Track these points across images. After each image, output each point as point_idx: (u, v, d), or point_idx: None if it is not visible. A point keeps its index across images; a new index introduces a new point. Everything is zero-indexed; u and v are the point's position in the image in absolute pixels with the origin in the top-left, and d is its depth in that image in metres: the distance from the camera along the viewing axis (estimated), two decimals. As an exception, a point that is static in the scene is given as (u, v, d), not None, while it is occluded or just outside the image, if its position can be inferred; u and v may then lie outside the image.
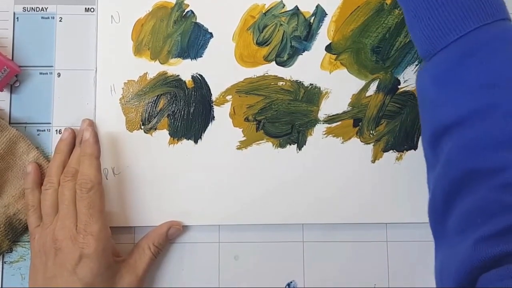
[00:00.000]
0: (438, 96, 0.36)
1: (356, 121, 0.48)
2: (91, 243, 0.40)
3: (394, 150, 0.48)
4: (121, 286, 0.42)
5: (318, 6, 0.49)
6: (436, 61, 0.36)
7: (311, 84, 0.48)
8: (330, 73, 0.49)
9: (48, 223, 0.42)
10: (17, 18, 0.49)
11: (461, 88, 0.34)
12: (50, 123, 0.48)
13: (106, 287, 0.41)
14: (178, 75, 0.48)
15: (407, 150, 0.48)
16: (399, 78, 0.49)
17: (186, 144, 0.48)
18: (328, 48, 0.49)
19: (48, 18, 0.49)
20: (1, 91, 0.47)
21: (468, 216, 0.32)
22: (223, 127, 0.48)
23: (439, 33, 0.36)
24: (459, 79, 0.34)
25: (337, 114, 0.48)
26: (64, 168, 0.44)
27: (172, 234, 0.46)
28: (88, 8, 0.49)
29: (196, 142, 0.48)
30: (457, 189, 0.34)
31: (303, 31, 0.49)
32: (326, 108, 0.48)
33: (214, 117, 0.48)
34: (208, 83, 0.48)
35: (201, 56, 0.48)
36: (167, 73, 0.48)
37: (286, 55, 0.49)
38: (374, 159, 0.48)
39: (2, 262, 0.46)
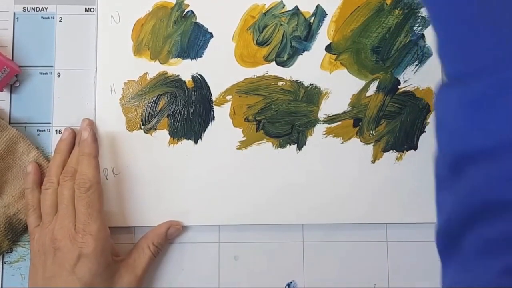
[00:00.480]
0: (466, 121, 0.33)
1: (356, 121, 0.48)
2: (90, 243, 0.40)
3: (394, 150, 0.48)
4: (120, 286, 0.42)
5: (318, 6, 0.49)
6: (469, 83, 0.33)
7: (311, 84, 0.48)
8: (330, 73, 0.49)
9: (47, 222, 0.42)
10: (17, 18, 0.49)
11: (495, 117, 0.32)
12: (50, 123, 0.48)
13: (105, 287, 0.41)
14: (178, 75, 0.48)
15: (407, 150, 0.48)
16: (399, 78, 0.49)
17: (186, 144, 0.48)
18: (328, 48, 0.49)
19: (48, 18, 0.49)
20: (1, 91, 0.47)
21: (493, 242, 0.31)
22: (223, 127, 0.48)
23: (478, 55, 0.33)
24: (494, 107, 0.33)
25: (337, 114, 0.48)
26: (64, 168, 0.44)
27: (171, 233, 0.46)
28: (88, 8, 0.49)
29: (196, 142, 0.48)
30: (479, 216, 0.32)
31: (303, 31, 0.49)
32: (326, 108, 0.48)
33: (214, 117, 0.48)
34: (208, 83, 0.48)
35: (201, 56, 0.48)
36: (167, 73, 0.48)
37: (286, 55, 0.49)
38: (374, 159, 0.48)
39: (2, 262, 0.46)
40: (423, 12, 0.50)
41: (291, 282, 0.47)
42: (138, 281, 0.43)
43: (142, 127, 0.47)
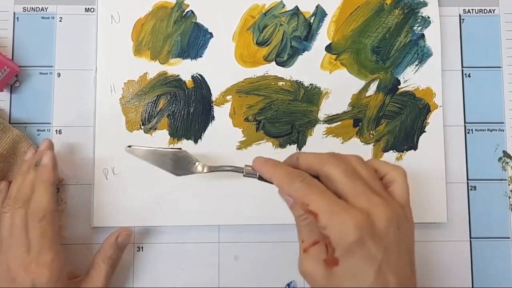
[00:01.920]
0: None
1: (356, 121, 0.48)
2: (44, 274, 0.39)
3: (394, 150, 0.48)
4: None
5: (318, 6, 0.49)
6: None
7: (311, 84, 0.48)
8: (330, 73, 0.49)
9: (5, 248, 0.40)
10: (17, 18, 0.49)
11: None
12: (50, 123, 0.48)
13: None
14: (178, 75, 0.48)
15: (407, 150, 0.48)
16: (399, 78, 0.49)
17: (186, 144, 0.48)
18: (328, 48, 0.49)
19: (48, 18, 0.49)
20: (1, 91, 0.47)
21: None
22: (223, 127, 0.48)
23: None
24: None
25: (337, 114, 0.48)
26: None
27: (122, 242, 0.44)
28: (88, 8, 0.49)
29: (196, 142, 0.48)
30: None
31: (303, 31, 0.49)
32: (326, 108, 0.48)
33: (214, 117, 0.48)
34: (208, 83, 0.48)
35: (201, 56, 0.48)
36: (167, 73, 0.48)
37: (286, 55, 0.49)
38: (374, 159, 0.48)
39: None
40: (423, 12, 0.50)
41: (291, 282, 0.47)
42: None
43: (142, 127, 0.47)
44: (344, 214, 0.33)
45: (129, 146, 0.43)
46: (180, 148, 0.44)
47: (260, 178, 0.39)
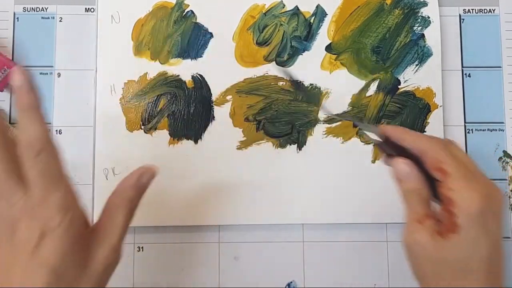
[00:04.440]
0: None
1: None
2: (55, 217, 0.30)
3: (394, 150, 0.48)
4: (94, 264, 0.32)
5: (318, 6, 0.49)
6: None
7: (311, 84, 0.48)
8: (330, 73, 0.49)
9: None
10: (17, 18, 0.49)
11: None
12: (50, 123, 0.48)
13: (78, 268, 0.31)
14: (178, 75, 0.48)
15: (407, 150, 0.48)
16: (399, 78, 0.49)
17: (186, 144, 0.48)
18: (328, 48, 0.49)
19: (48, 18, 0.49)
20: (1, 91, 0.47)
21: None
22: (223, 127, 0.48)
23: None
24: None
25: (337, 114, 0.48)
26: None
27: (145, 182, 0.36)
28: (88, 8, 0.49)
29: (196, 142, 0.48)
30: None
31: (303, 31, 0.49)
32: (326, 108, 0.48)
33: (214, 117, 0.48)
34: (208, 83, 0.48)
35: (201, 56, 0.48)
36: (167, 73, 0.48)
37: (286, 55, 0.49)
38: (374, 159, 0.48)
39: None
40: (423, 12, 0.50)
41: (291, 282, 0.47)
42: (116, 251, 0.34)
43: (142, 127, 0.47)
44: (475, 183, 0.33)
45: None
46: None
47: (381, 144, 0.38)
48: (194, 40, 0.48)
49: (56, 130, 0.48)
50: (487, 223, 0.32)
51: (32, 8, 0.49)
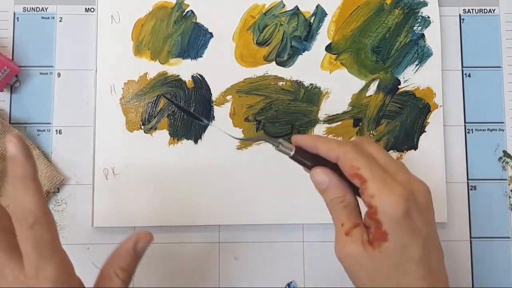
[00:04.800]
0: None
1: (356, 121, 0.48)
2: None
3: (394, 150, 0.48)
4: None
5: (318, 6, 0.49)
6: None
7: (311, 84, 0.48)
8: (330, 73, 0.49)
9: None
10: (17, 18, 0.49)
11: None
12: (50, 123, 0.48)
13: None
14: (178, 75, 0.48)
15: (407, 150, 0.48)
16: (399, 78, 0.49)
17: (186, 144, 0.48)
18: (328, 48, 0.49)
19: (48, 18, 0.49)
20: (1, 91, 0.47)
21: None
22: (223, 127, 0.48)
23: None
24: None
25: (337, 114, 0.48)
26: None
27: (141, 249, 0.35)
28: (88, 8, 0.49)
29: (196, 142, 0.48)
30: None
31: (303, 31, 0.49)
32: (326, 108, 0.48)
33: (214, 117, 0.48)
34: (208, 83, 0.48)
35: (201, 56, 0.48)
36: (167, 73, 0.48)
37: (286, 55, 0.49)
38: (374, 159, 0.48)
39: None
40: (423, 12, 0.50)
41: (291, 282, 0.47)
42: None
43: (142, 127, 0.47)
44: (393, 185, 0.32)
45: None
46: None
47: (294, 156, 0.36)
48: (194, 40, 0.48)
49: (56, 130, 0.48)
50: (414, 222, 0.32)
51: (32, 8, 0.49)
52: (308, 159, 0.35)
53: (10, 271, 0.31)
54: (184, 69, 0.48)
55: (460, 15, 0.51)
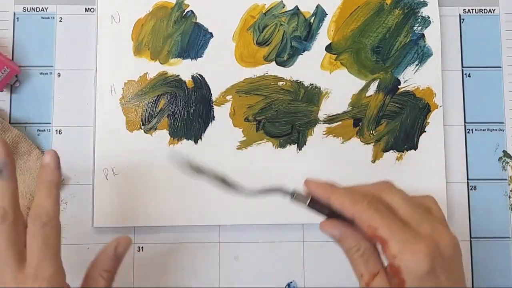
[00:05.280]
0: None
1: (356, 121, 0.48)
2: None
3: (394, 150, 0.48)
4: None
5: (318, 6, 0.49)
6: None
7: (311, 84, 0.48)
8: (330, 73, 0.49)
9: None
10: (17, 18, 0.49)
11: None
12: (50, 123, 0.48)
13: None
14: (178, 75, 0.48)
15: (407, 150, 0.48)
16: (399, 78, 0.49)
17: (186, 144, 0.48)
18: (328, 48, 0.49)
19: (48, 18, 0.49)
20: (1, 91, 0.47)
21: None
22: (223, 127, 0.48)
23: None
24: None
25: (337, 114, 0.48)
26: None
27: (121, 252, 0.38)
28: (88, 8, 0.49)
29: (196, 142, 0.48)
30: None
31: (303, 31, 0.49)
32: (326, 108, 0.48)
33: (214, 117, 0.48)
34: (208, 83, 0.48)
35: (201, 56, 0.48)
36: (167, 73, 0.48)
37: (286, 55, 0.49)
38: (374, 159, 0.48)
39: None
40: (423, 12, 0.50)
41: (291, 282, 0.47)
42: None
43: (142, 127, 0.47)
44: (416, 243, 0.31)
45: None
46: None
47: (310, 204, 0.35)
48: (194, 40, 0.48)
49: (56, 130, 0.48)
50: (438, 278, 0.31)
51: (32, 8, 0.49)
52: (323, 208, 0.35)
53: (11, 272, 0.33)
54: (184, 69, 0.48)
55: (460, 15, 0.51)
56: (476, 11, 0.51)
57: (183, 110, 0.48)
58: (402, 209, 0.33)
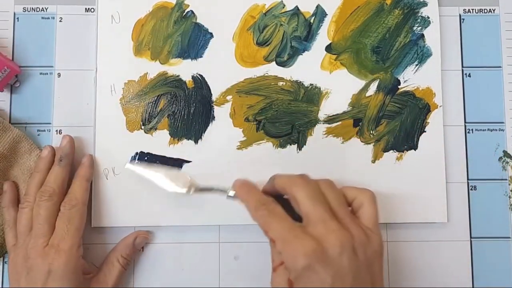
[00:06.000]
0: None
1: (356, 121, 0.48)
2: (61, 259, 0.40)
3: (394, 150, 0.48)
4: None
5: (318, 6, 0.49)
6: None
7: (311, 84, 0.48)
8: (330, 73, 0.49)
9: (21, 241, 0.42)
10: (17, 18, 0.49)
11: None
12: (50, 123, 0.48)
13: None
14: (178, 75, 0.48)
15: (407, 150, 0.48)
16: (399, 78, 0.49)
17: (186, 144, 0.48)
18: (328, 48, 0.49)
19: (48, 18, 0.49)
20: (1, 91, 0.47)
21: None
22: (223, 127, 0.48)
23: None
24: None
25: (337, 114, 0.48)
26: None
27: (139, 243, 0.46)
28: (88, 8, 0.49)
29: (196, 142, 0.48)
30: None
31: (303, 31, 0.49)
32: (326, 108, 0.48)
33: (214, 117, 0.48)
34: (208, 83, 0.48)
35: (201, 56, 0.48)
36: (167, 73, 0.48)
37: (286, 55, 0.49)
38: (374, 159, 0.48)
39: (3, 262, 0.46)
40: (423, 12, 0.50)
41: (291, 282, 0.47)
42: None
43: (143, 127, 0.47)
44: (295, 243, 0.35)
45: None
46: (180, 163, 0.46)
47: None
48: (194, 40, 0.48)
49: (56, 130, 0.48)
50: (317, 274, 0.34)
51: (32, 8, 0.49)
52: None
53: (42, 242, 0.41)
54: (184, 69, 0.48)
55: (460, 15, 0.51)
56: (476, 11, 0.51)
57: (183, 110, 0.48)
58: (303, 205, 0.37)
